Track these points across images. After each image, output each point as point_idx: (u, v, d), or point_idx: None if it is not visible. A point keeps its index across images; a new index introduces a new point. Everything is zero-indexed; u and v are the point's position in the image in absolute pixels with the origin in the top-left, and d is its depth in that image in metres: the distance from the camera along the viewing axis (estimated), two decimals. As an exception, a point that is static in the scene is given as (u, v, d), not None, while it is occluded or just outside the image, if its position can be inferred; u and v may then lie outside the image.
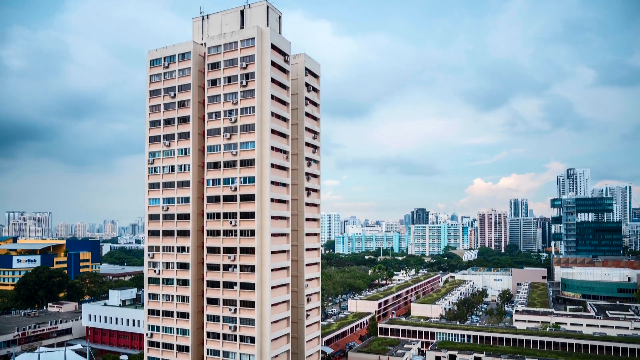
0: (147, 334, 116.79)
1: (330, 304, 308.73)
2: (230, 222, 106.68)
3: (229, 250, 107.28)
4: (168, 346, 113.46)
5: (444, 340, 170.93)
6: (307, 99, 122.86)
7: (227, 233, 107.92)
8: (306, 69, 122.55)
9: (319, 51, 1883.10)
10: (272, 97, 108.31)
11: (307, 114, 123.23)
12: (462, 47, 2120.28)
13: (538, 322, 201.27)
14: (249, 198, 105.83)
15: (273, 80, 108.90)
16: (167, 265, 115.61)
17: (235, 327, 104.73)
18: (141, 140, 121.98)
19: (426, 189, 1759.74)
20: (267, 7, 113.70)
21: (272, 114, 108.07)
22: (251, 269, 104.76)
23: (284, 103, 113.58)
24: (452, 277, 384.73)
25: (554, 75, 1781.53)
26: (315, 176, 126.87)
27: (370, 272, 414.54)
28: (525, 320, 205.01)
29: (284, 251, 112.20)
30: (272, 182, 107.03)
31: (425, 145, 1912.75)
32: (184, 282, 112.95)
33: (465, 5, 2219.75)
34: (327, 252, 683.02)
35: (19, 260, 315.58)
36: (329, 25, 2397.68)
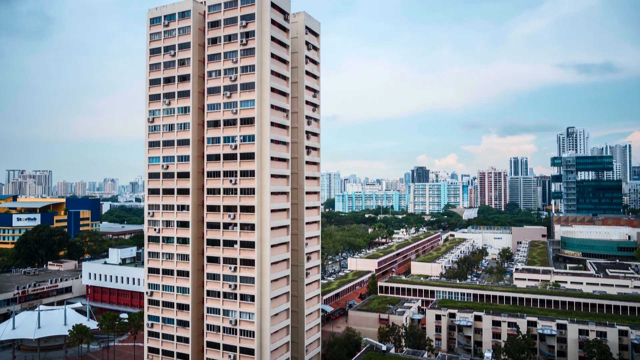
0: (147, 293, 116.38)
1: (330, 262, 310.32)
2: (230, 181, 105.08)
3: (229, 209, 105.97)
4: (168, 304, 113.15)
5: (444, 299, 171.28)
6: (307, 57, 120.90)
7: (227, 191, 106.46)
8: (306, 27, 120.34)
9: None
10: (272, 55, 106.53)
11: (307, 73, 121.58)
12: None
13: (538, 280, 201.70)
14: (249, 156, 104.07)
15: (273, 39, 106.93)
16: (167, 223, 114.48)
17: (235, 286, 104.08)
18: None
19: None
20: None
21: (272, 72, 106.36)
22: (251, 227, 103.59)
23: (284, 61, 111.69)
24: (452, 235, 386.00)
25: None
26: (315, 134, 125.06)
27: (370, 230, 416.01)
28: (525, 279, 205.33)
29: (284, 209, 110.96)
30: (272, 141, 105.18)
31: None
32: (184, 241, 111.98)
33: None
34: (327, 210, 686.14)
35: (19, 219, 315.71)
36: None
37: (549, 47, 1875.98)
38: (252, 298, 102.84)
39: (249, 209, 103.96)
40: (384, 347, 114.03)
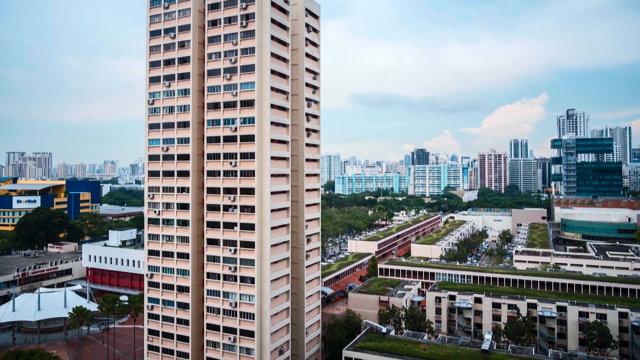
0: (147, 275, 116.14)
1: (330, 244, 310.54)
2: (230, 163, 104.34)
3: (229, 191, 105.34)
4: (168, 287, 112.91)
5: (444, 281, 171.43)
6: (307, 39, 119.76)
7: (227, 173, 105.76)
8: (306, 9, 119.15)
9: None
10: (272, 37, 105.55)
11: (307, 55, 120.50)
12: None
13: (538, 262, 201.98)
14: (248, 138, 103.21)
15: (273, 21, 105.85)
16: (167, 205, 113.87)
17: (236, 268, 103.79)
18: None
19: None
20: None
21: (272, 54, 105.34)
22: (251, 209, 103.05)
23: (284, 44, 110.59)
24: (452, 217, 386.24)
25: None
26: (315, 117, 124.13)
27: (370, 212, 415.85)
28: (525, 261, 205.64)
29: (284, 192, 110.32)
30: (272, 123, 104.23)
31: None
32: (184, 223, 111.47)
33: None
34: (327, 192, 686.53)
35: (19, 201, 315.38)
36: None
37: (557, 39, 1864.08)
38: (252, 280, 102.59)
39: (249, 191, 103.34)
40: (384, 329, 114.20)
